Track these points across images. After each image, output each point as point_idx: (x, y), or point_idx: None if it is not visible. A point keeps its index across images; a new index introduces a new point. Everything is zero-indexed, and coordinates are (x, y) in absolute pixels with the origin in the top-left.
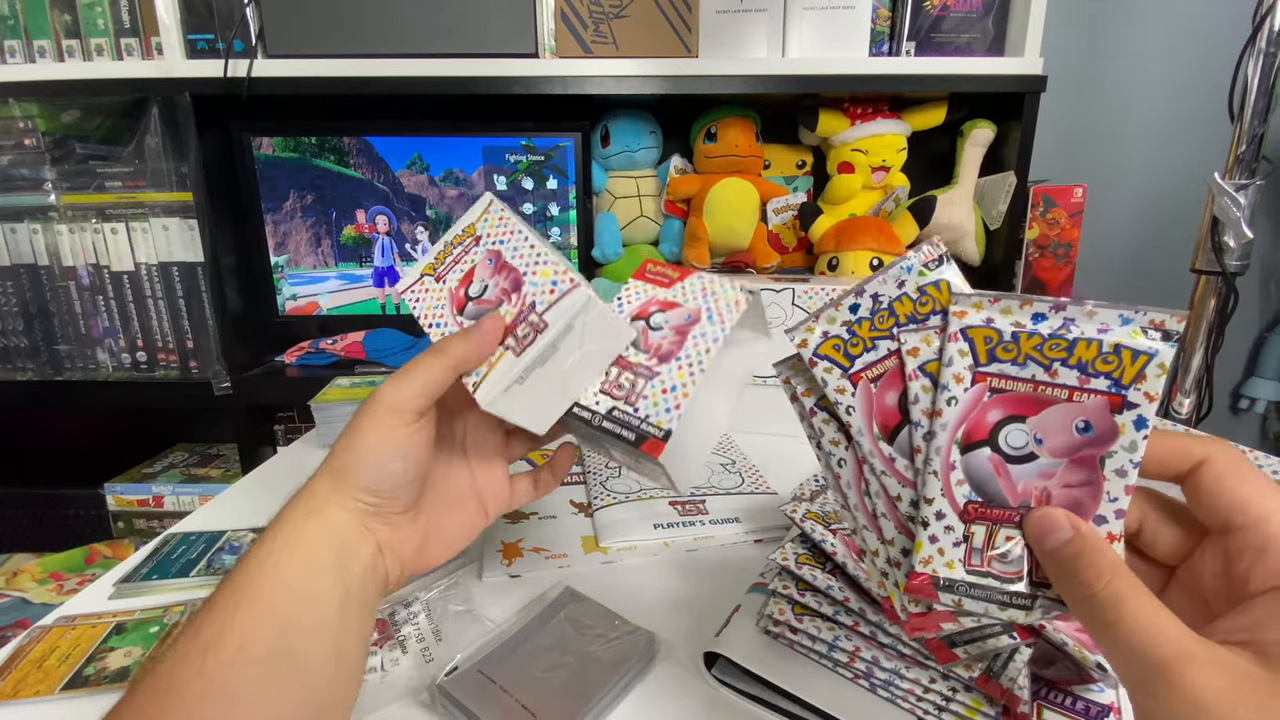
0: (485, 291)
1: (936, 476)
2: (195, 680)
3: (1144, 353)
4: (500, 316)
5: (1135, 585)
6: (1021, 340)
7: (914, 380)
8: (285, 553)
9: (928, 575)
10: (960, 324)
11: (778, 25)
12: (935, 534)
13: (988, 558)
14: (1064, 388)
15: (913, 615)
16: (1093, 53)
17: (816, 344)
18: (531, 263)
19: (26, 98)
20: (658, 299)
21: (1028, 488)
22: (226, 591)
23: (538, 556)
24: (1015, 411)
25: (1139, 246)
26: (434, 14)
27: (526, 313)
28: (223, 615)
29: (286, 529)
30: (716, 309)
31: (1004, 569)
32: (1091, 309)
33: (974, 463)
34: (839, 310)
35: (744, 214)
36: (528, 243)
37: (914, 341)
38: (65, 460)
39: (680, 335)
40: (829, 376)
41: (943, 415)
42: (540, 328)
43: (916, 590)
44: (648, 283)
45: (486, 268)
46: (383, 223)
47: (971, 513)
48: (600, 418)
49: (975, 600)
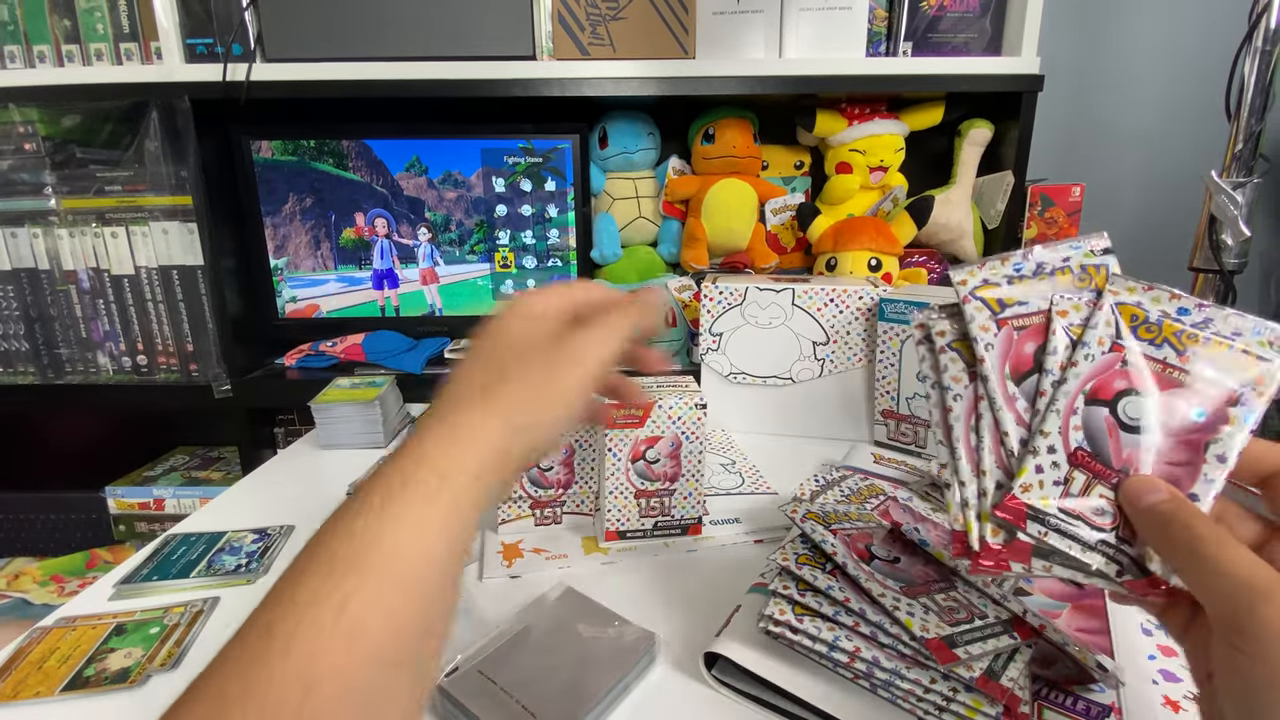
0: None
1: (1058, 415)
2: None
3: (1265, 358)
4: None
5: (1227, 533)
6: (1165, 325)
7: (1056, 335)
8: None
9: (1023, 502)
10: (1114, 299)
11: (775, 26)
12: (1042, 464)
13: (1081, 506)
14: (1189, 374)
15: (987, 547)
16: (1090, 52)
17: (975, 285)
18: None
19: (26, 102)
20: (640, 439)
21: (1131, 456)
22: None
23: (538, 557)
24: (1137, 385)
25: (1137, 245)
26: (432, 17)
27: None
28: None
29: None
30: (687, 428)
31: (1094, 519)
32: (1228, 314)
33: (1093, 416)
34: (1004, 265)
35: (742, 215)
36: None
37: (1066, 306)
38: (66, 464)
39: (675, 459)
40: (978, 314)
41: (1078, 366)
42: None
43: (1009, 512)
44: (624, 428)
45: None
46: (382, 225)
47: (1079, 458)
48: (648, 531)
49: (1060, 536)
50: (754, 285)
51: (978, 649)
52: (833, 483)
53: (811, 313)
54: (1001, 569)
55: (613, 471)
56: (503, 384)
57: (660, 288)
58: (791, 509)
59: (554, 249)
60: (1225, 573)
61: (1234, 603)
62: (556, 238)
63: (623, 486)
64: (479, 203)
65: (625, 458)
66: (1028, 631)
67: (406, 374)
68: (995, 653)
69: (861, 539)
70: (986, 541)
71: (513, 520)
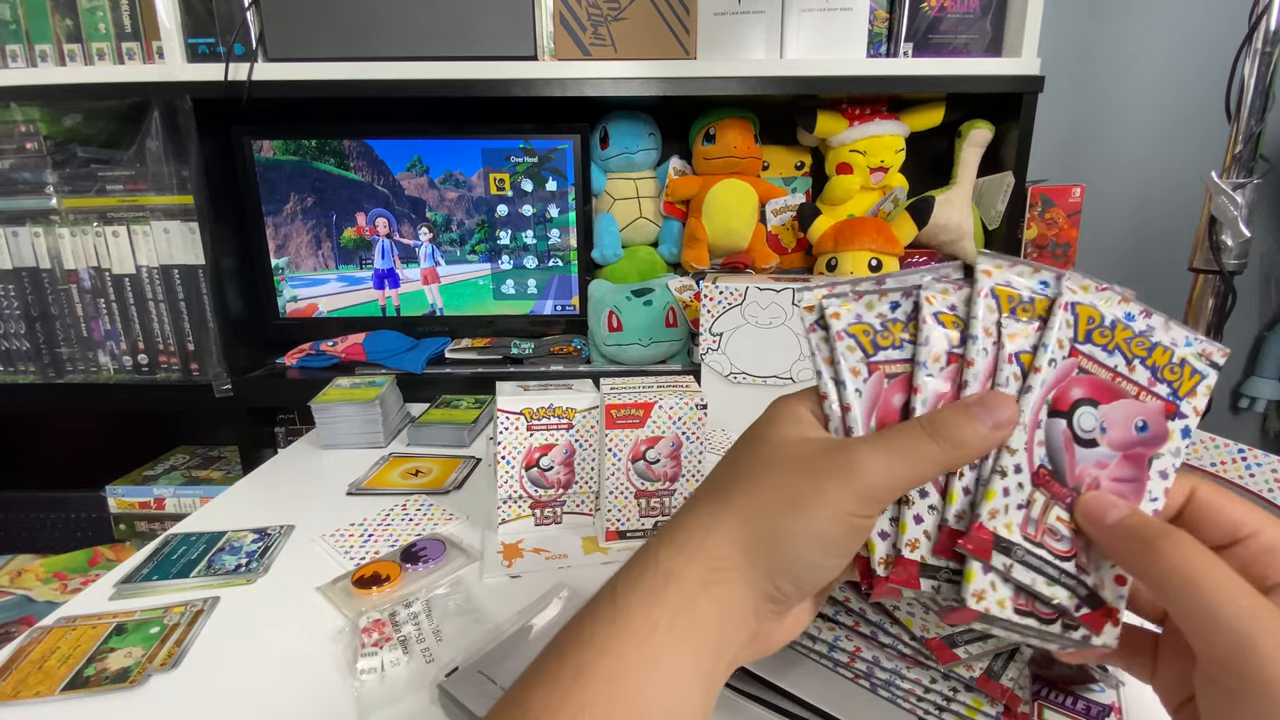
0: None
1: (1024, 430)
2: None
3: (1199, 372)
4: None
5: (1222, 561)
6: (1118, 330)
7: (926, 325)
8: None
9: (990, 531)
10: (1072, 298)
11: (775, 27)
12: (1009, 486)
13: (1042, 529)
14: (1135, 385)
15: (901, 562)
16: (1090, 53)
17: (849, 323)
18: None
19: (28, 102)
20: (640, 439)
21: (1083, 473)
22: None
23: (538, 557)
24: (1092, 395)
25: (1137, 246)
26: (433, 17)
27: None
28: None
29: (672, 602)
30: (688, 428)
31: (1055, 545)
32: (1168, 322)
33: (1053, 430)
34: (880, 301)
35: (743, 215)
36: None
37: (933, 291)
38: (67, 463)
39: (675, 459)
40: (850, 355)
41: (1041, 373)
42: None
43: (974, 543)
44: (623, 429)
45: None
46: (383, 225)
47: (1040, 477)
48: (648, 531)
49: (1027, 569)
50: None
51: (978, 649)
52: None
53: None
54: (897, 591)
55: (613, 471)
56: (743, 485)
57: (1009, 399)
58: None
59: (555, 249)
60: (1225, 610)
61: (1235, 645)
62: (557, 238)
63: (623, 486)
64: (480, 203)
65: (625, 458)
66: None
67: (407, 374)
68: (995, 652)
69: None
70: (903, 557)
71: (513, 520)
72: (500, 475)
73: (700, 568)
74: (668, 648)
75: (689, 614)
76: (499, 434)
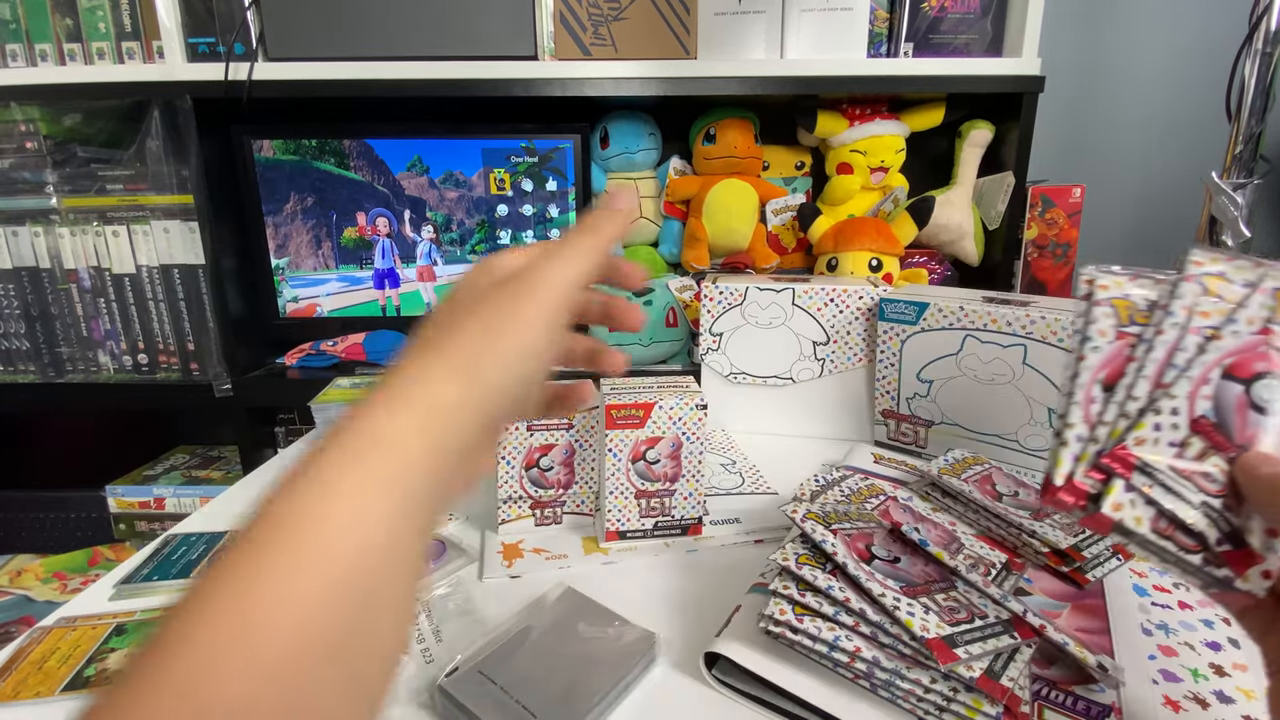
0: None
1: (1189, 381)
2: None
3: None
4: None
5: None
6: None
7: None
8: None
9: (1134, 454)
10: (1274, 285)
11: (776, 27)
12: (1161, 424)
13: (1194, 469)
14: None
15: (1072, 485)
16: (1090, 53)
17: (1113, 295)
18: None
19: (28, 101)
20: (640, 439)
21: (1253, 435)
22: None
23: (538, 557)
24: (1277, 370)
25: (1137, 246)
26: (434, 17)
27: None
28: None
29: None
30: (688, 428)
31: (1205, 484)
32: None
33: (1225, 391)
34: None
35: (743, 215)
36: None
37: (1208, 307)
38: (66, 462)
39: (675, 460)
40: (1104, 319)
41: (1222, 339)
42: None
43: (1117, 460)
44: (623, 429)
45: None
46: (383, 225)
47: (1200, 426)
48: (649, 532)
49: (1165, 491)
50: (754, 285)
51: (978, 649)
52: (833, 483)
53: (812, 313)
54: (1076, 507)
55: (613, 472)
56: (453, 332)
57: (627, 186)
58: (791, 509)
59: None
60: None
61: None
62: (557, 238)
63: (623, 487)
64: (480, 202)
65: (625, 458)
66: (1028, 631)
67: None
68: (995, 653)
69: (861, 539)
70: (1075, 480)
71: (513, 520)
72: (500, 475)
73: (414, 425)
74: (374, 514)
75: (399, 480)
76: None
